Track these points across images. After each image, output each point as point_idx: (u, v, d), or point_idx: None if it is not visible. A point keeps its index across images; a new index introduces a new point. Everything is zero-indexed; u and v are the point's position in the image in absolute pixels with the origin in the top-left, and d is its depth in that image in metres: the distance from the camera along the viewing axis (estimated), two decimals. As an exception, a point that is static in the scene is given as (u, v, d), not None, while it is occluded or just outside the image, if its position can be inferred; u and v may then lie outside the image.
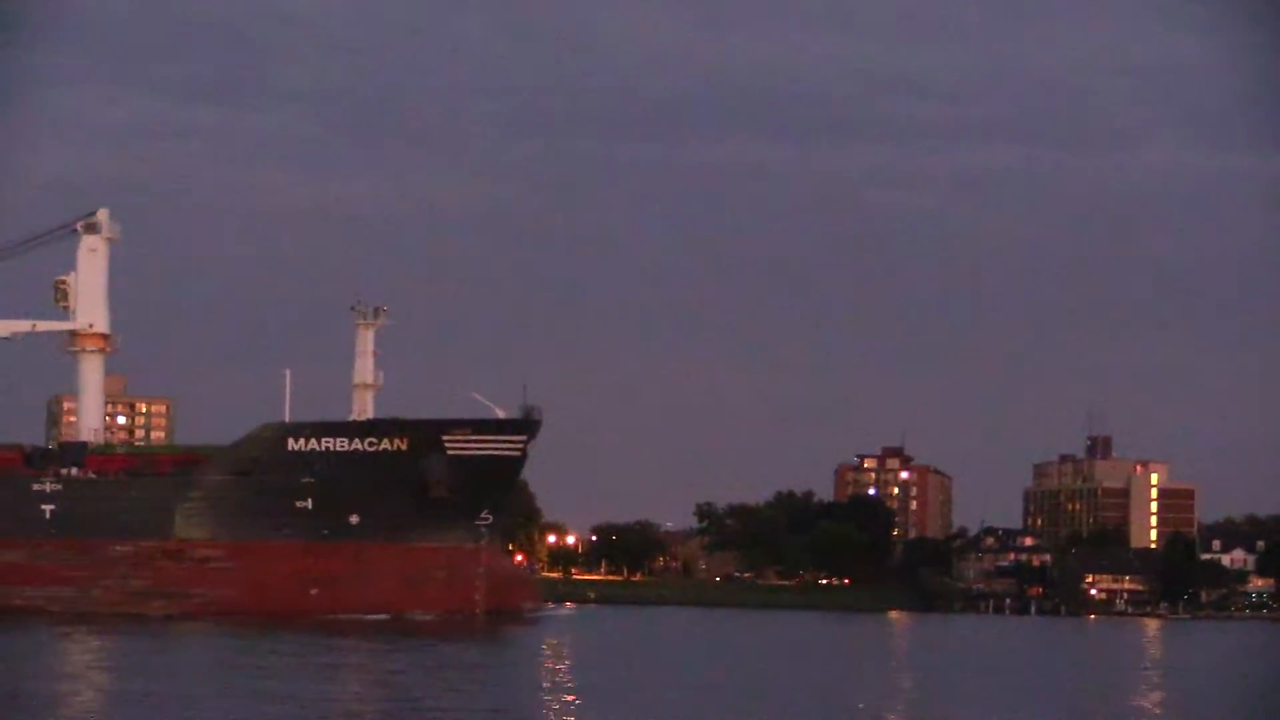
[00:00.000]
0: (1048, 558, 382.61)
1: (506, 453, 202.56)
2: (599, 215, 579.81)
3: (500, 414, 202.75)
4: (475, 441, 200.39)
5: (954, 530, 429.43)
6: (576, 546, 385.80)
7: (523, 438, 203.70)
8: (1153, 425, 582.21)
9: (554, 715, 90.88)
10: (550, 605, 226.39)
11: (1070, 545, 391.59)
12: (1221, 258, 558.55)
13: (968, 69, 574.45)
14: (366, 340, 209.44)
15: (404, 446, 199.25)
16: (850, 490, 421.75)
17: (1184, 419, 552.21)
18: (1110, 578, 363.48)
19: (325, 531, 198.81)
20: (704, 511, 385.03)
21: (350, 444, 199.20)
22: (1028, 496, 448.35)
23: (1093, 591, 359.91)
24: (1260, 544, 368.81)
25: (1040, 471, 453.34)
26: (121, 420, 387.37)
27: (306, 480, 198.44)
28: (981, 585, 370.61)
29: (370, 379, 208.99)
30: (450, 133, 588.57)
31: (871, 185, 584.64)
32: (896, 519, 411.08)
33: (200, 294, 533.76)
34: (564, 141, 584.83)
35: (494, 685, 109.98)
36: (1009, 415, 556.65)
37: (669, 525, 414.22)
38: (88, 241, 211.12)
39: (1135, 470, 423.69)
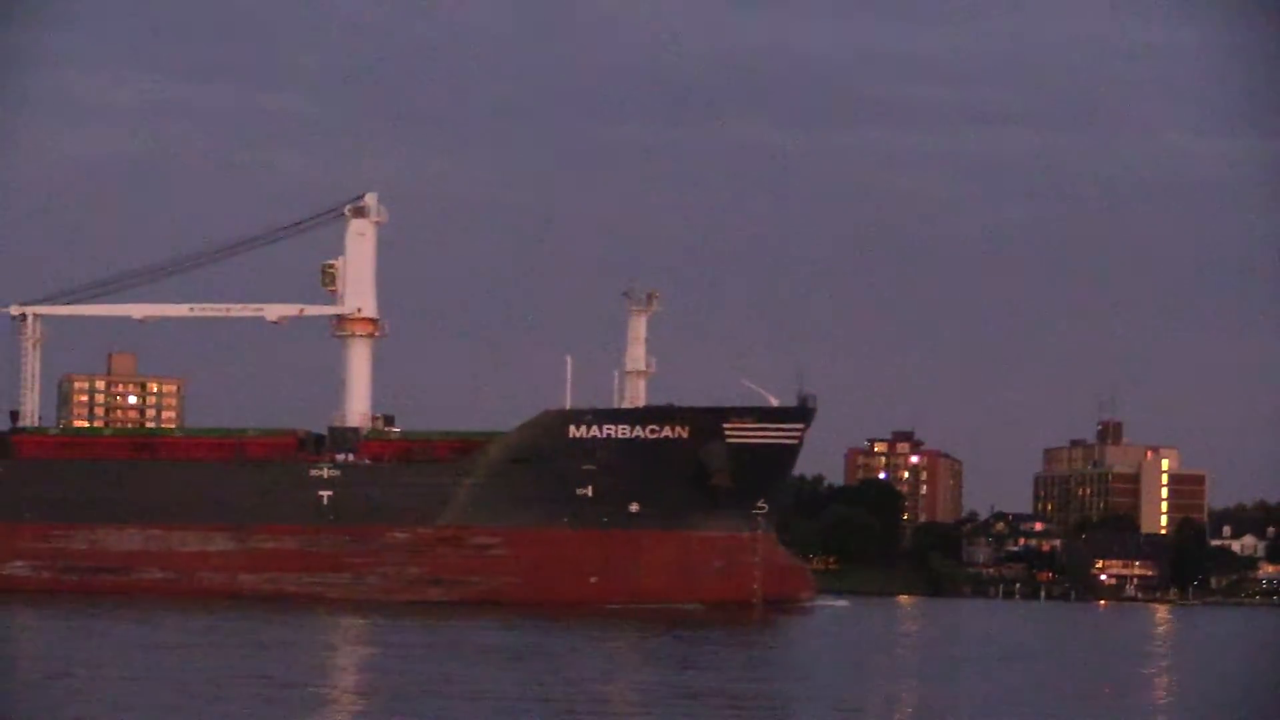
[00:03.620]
0: (1058, 543, 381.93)
1: (784, 441, 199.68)
2: (605, 198, 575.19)
3: (773, 401, 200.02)
4: (755, 429, 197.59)
5: (964, 515, 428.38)
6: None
7: (800, 426, 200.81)
8: (1164, 411, 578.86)
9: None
10: (826, 597, 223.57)
11: (1080, 530, 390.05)
12: (1232, 242, 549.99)
13: (974, 53, 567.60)
14: (639, 327, 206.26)
15: (685, 434, 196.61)
16: (860, 474, 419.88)
17: (1195, 405, 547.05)
18: (1120, 563, 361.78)
19: (605, 519, 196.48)
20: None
21: (631, 431, 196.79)
22: (1038, 481, 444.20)
23: (1103, 577, 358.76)
24: (1271, 530, 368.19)
25: (1051, 456, 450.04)
26: (133, 400, 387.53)
27: (587, 467, 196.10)
28: (991, 570, 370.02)
29: (643, 366, 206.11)
30: (460, 115, 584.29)
31: (881, 169, 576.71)
32: (906, 503, 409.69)
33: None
34: (571, 124, 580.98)
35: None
36: (1019, 400, 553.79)
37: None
38: (356, 225, 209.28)
39: (1146, 456, 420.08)
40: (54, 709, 79.09)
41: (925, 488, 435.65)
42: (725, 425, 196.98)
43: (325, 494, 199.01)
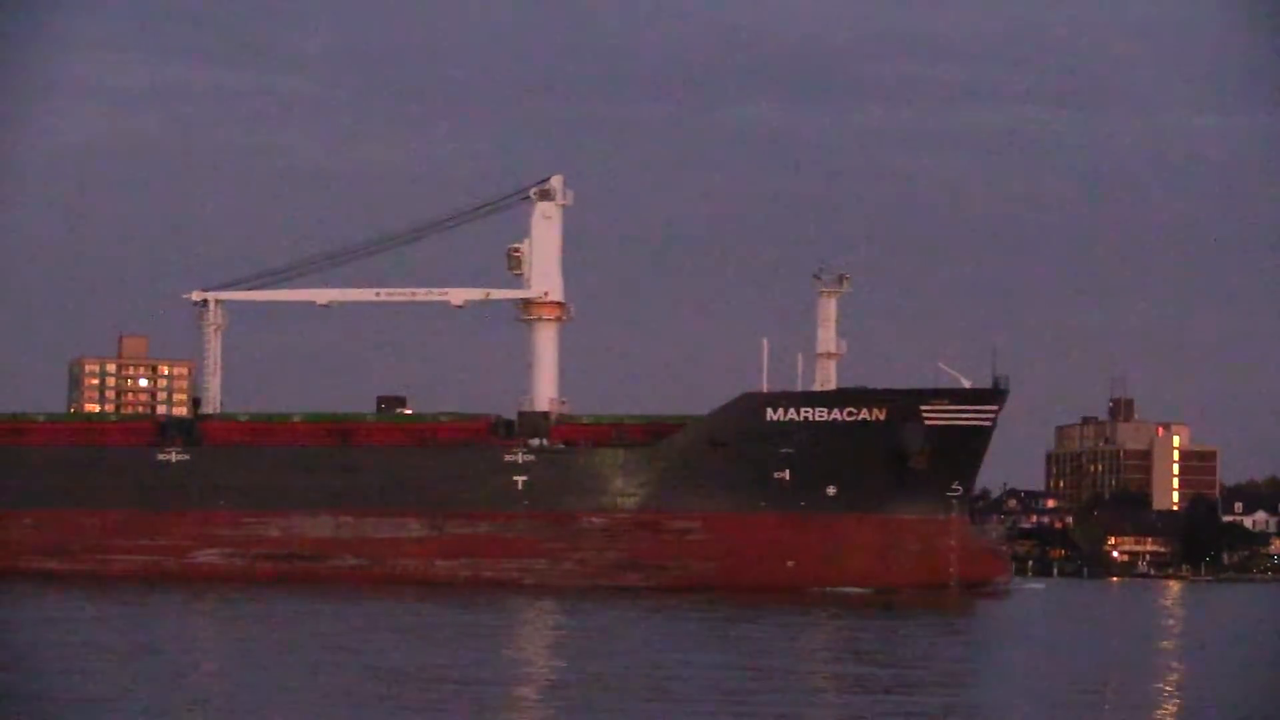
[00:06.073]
0: (1069, 520, 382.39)
1: (980, 423, 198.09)
2: (614, 178, 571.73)
3: (966, 383, 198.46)
4: (952, 411, 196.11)
5: (976, 492, 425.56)
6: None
7: (994, 407, 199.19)
8: (1175, 387, 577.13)
9: None
10: (1022, 580, 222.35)
11: (1092, 507, 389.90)
12: (1242, 218, 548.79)
13: (978, 31, 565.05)
14: (829, 309, 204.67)
15: (882, 417, 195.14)
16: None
17: (1206, 381, 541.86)
18: (1132, 540, 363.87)
19: (802, 503, 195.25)
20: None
21: (829, 414, 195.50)
22: (1050, 459, 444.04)
23: (1115, 553, 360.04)
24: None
25: (1062, 433, 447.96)
26: (144, 383, 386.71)
27: (785, 451, 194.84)
28: (1003, 547, 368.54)
29: (833, 348, 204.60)
30: (468, 96, 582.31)
31: (885, 147, 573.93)
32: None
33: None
34: (581, 104, 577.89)
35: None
36: (1031, 377, 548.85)
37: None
38: (542, 208, 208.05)
39: (1157, 432, 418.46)
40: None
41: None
42: (923, 407, 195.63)
43: (520, 479, 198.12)
